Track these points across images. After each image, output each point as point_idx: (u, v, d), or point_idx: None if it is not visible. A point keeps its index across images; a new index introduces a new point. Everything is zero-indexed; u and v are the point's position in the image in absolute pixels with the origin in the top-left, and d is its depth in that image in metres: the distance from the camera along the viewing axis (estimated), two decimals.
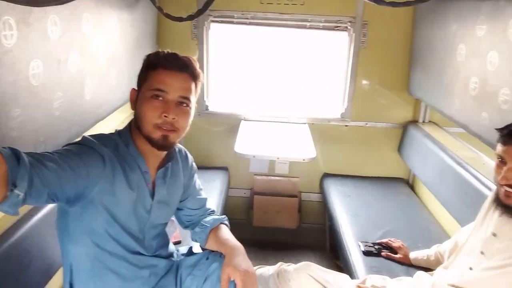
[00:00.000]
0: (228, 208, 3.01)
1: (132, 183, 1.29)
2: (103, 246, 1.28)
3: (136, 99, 1.32)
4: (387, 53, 2.85)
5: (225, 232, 1.51)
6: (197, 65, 1.34)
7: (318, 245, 2.99)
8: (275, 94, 3.18)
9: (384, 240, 2.09)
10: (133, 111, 1.34)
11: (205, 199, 1.62)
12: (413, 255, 1.93)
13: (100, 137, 1.29)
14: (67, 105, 1.50)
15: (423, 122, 2.87)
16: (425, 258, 1.87)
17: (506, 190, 1.28)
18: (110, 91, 1.96)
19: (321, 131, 2.99)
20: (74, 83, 1.56)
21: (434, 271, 1.60)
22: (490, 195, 1.49)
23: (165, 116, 1.25)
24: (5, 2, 0.86)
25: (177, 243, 2.09)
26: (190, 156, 1.58)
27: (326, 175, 3.04)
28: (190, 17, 2.41)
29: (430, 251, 1.86)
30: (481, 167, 1.99)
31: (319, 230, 3.08)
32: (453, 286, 1.42)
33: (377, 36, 2.80)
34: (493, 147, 1.70)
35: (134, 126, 1.32)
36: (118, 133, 1.35)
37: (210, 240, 1.50)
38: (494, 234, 1.37)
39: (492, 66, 1.75)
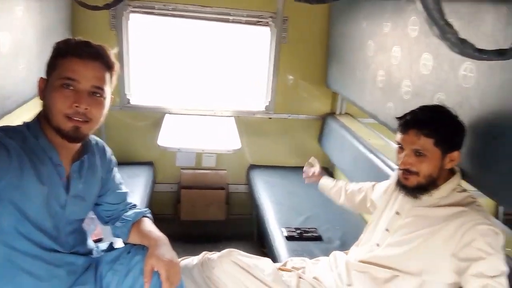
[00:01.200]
0: (155, 204, 2.95)
1: (43, 177, 1.22)
2: (13, 245, 1.20)
3: (45, 88, 1.24)
4: (306, 48, 2.98)
5: (148, 225, 1.48)
6: (111, 54, 1.29)
7: (246, 235, 3.06)
8: (200, 87, 3.17)
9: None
10: (40, 98, 1.27)
11: (125, 193, 1.56)
12: (323, 180, 2.10)
13: (5, 129, 1.21)
14: None
15: (340, 113, 3.06)
16: (330, 185, 2.05)
17: (403, 173, 1.42)
18: (18, 82, 1.83)
19: (246, 123, 3.05)
20: None
21: (348, 250, 1.73)
22: (392, 177, 1.65)
23: (77, 106, 1.19)
24: None
25: (98, 240, 2.01)
26: (108, 149, 1.52)
27: (252, 167, 3.11)
28: (107, 6, 2.30)
29: (336, 183, 2.04)
30: (390, 154, 2.18)
31: (246, 220, 3.15)
32: (362, 261, 1.55)
33: (297, 32, 2.92)
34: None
35: (43, 117, 1.25)
36: (26, 125, 1.26)
37: (133, 234, 1.46)
38: (398, 213, 1.52)
39: (395, 60, 1.92)
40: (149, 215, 1.55)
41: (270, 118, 3.09)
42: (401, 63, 1.87)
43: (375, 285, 1.48)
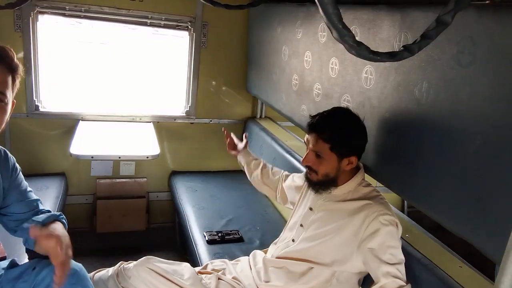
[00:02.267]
0: (67, 217, 2.74)
1: None
2: None
3: None
4: (226, 53, 3.01)
5: (57, 226, 1.35)
6: (14, 57, 1.21)
7: (168, 244, 2.98)
8: (117, 92, 3.04)
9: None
10: None
11: (36, 200, 1.45)
12: (244, 154, 2.14)
13: None
14: None
15: (260, 117, 3.14)
16: (253, 156, 2.10)
17: (306, 170, 1.53)
18: None
19: (167, 129, 3.00)
20: None
21: (267, 248, 1.77)
22: (302, 176, 1.73)
23: None
24: None
25: (1, 259, 1.82)
26: (11, 157, 1.41)
27: (174, 173, 3.05)
28: (10, 6, 2.14)
29: (255, 157, 2.09)
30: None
31: (169, 229, 3.08)
32: (278, 257, 1.60)
33: (217, 37, 2.94)
34: None
35: None
36: None
37: None
38: (311, 208, 1.59)
39: (307, 64, 2.02)
40: (64, 220, 1.44)
41: (192, 123, 3.06)
42: (313, 67, 1.97)
43: (292, 279, 1.53)
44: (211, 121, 3.10)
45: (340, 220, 1.47)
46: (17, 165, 1.43)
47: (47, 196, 2.42)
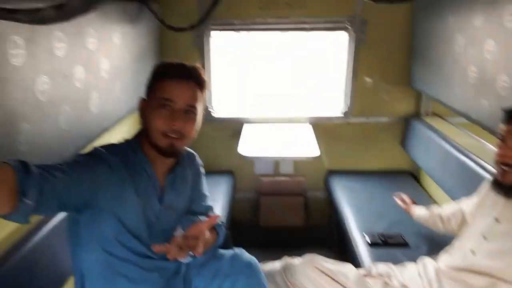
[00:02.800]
0: (235, 211, 3.04)
1: (140, 190, 1.32)
2: (113, 252, 1.31)
3: (144, 108, 1.36)
4: (387, 49, 2.87)
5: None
6: (203, 73, 1.37)
7: (325, 242, 3.01)
8: (277, 96, 3.21)
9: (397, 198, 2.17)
10: (140, 120, 1.38)
11: (209, 207, 1.61)
12: (418, 210, 2.00)
13: (108, 146, 1.34)
14: (74, 118, 1.55)
15: (426, 114, 2.89)
16: (426, 216, 1.94)
17: (502, 169, 1.30)
18: (115, 103, 2.01)
19: (324, 129, 3.02)
20: (80, 97, 1.61)
21: (437, 256, 1.62)
22: (488, 179, 1.52)
23: (173, 125, 1.29)
24: (12, 22, 0.91)
25: None
26: (198, 160, 1.60)
27: (331, 172, 3.06)
28: (192, 27, 2.46)
29: (431, 212, 1.92)
30: (484, 154, 2.01)
31: (325, 226, 3.11)
32: (456, 269, 1.44)
33: (377, 33, 2.83)
34: (493, 133, 1.73)
35: (143, 134, 1.36)
36: (127, 141, 1.39)
37: None
38: (497, 219, 1.39)
39: (489, 54, 1.77)
40: (220, 228, 1.56)
41: (349, 122, 3.02)
42: (496, 57, 1.72)
43: None
44: (368, 119, 3.01)
45: None
46: (202, 168, 1.61)
47: (219, 192, 2.72)
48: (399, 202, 2.13)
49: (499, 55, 1.70)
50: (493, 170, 1.80)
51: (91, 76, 1.69)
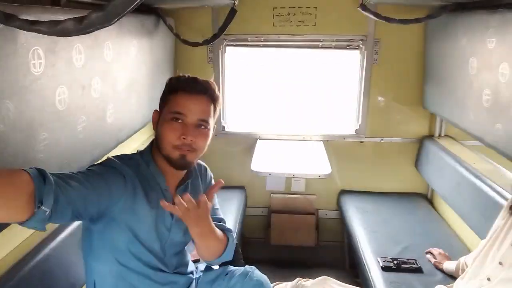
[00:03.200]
0: (245, 227, 3.03)
1: (153, 201, 1.34)
2: (125, 263, 1.32)
3: (158, 120, 1.38)
4: (400, 69, 2.87)
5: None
6: (216, 89, 1.40)
7: (337, 263, 2.97)
8: (290, 112, 3.23)
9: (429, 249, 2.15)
10: (153, 132, 1.41)
11: (221, 219, 1.60)
12: (446, 264, 1.96)
13: (122, 157, 1.36)
14: (90, 128, 1.58)
15: (439, 136, 2.86)
16: (453, 269, 1.89)
17: None
18: (130, 114, 2.04)
19: (336, 148, 3.01)
20: (97, 108, 1.64)
21: (452, 284, 1.58)
22: (506, 203, 1.49)
23: (184, 138, 1.30)
24: (34, 33, 0.94)
25: (196, 261, 2.10)
26: (209, 172, 1.62)
27: (343, 192, 3.04)
28: (206, 42, 2.52)
29: (456, 262, 1.88)
30: (499, 179, 1.98)
31: (337, 247, 3.06)
32: None
33: (389, 53, 2.84)
34: (509, 157, 1.70)
35: (155, 146, 1.38)
36: (140, 153, 1.42)
37: None
38: None
39: (504, 78, 1.76)
40: (230, 235, 1.54)
41: (362, 142, 3.01)
42: (511, 80, 1.70)
43: None
44: (382, 139, 2.99)
45: None
46: (213, 181, 1.62)
47: (231, 207, 2.71)
48: (430, 258, 2.10)
49: None
50: (508, 196, 1.77)
51: (107, 87, 1.72)
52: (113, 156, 1.35)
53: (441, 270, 1.98)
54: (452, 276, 1.89)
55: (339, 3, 2.76)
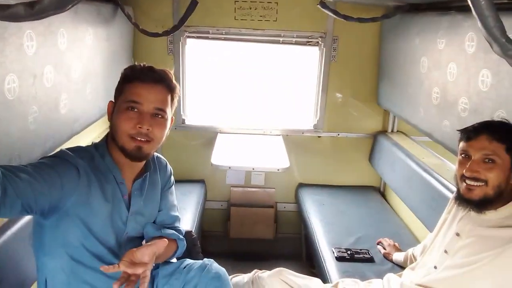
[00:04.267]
0: (205, 221, 3.02)
1: (108, 195, 1.31)
2: (78, 259, 1.28)
3: (113, 111, 1.35)
4: (356, 66, 2.96)
5: (158, 246, 1.29)
6: (173, 78, 1.38)
7: (294, 255, 3.04)
8: (250, 107, 3.24)
9: (379, 239, 2.23)
10: (108, 120, 1.37)
11: (176, 217, 1.59)
12: (395, 255, 2.04)
13: (76, 149, 1.32)
14: (42, 119, 1.51)
15: (392, 131, 2.99)
16: (401, 260, 1.98)
17: (467, 184, 1.35)
18: (86, 105, 1.97)
19: (295, 142, 3.07)
20: (49, 98, 1.57)
21: (402, 272, 1.67)
22: (452, 196, 1.59)
23: (140, 127, 1.28)
24: None
25: None
26: (169, 167, 1.59)
27: (301, 185, 3.10)
28: (166, 33, 2.47)
29: (405, 253, 1.98)
30: (446, 173, 2.10)
31: (295, 239, 3.13)
32: (420, 285, 1.49)
33: (347, 50, 2.92)
34: (455, 153, 1.81)
35: (110, 138, 1.35)
36: (95, 145, 1.37)
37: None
38: (458, 234, 1.45)
39: (451, 77, 1.87)
40: (181, 243, 1.55)
41: (319, 136, 3.08)
42: (458, 79, 1.81)
43: None
44: (339, 134, 3.08)
45: (495, 248, 1.31)
46: (172, 177, 1.59)
47: (190, 201, 2.70)
48: (380, 248, 2.18)
49: (460, 78, 1.79)
50: (454, 189, 1.89)
51: (61, 77, 1.66)
52: (66, 148, 1.31)
53: (391, 261, 2.08)
54: (401, 266, 1.99)
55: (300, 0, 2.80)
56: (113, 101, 1.37)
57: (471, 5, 0.81)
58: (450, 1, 1.98)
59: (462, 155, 1.39)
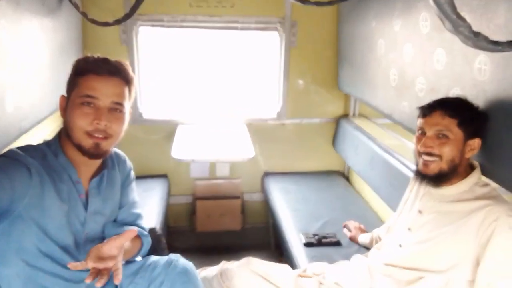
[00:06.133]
0: (170, 216, 2.96)
1: (63, 195, 1.24)
2: (34, 264, 1.21)
3: (66, 106, 1.26)
4: (316, 51, 2.96)
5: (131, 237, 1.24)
6: (129, 69, 1.31)
7: (263, 244, 3.03)
8: (211, 97, 3.18)
9: (345, 223, 2.26)
10: (61, 116, 1.29)
11: (137, 215, 1.52)
12: (361, 237, 2.07)
13: (26, 148, 1.23)
14: None
15: (354, 115, 3.03)
16: (367, 241, 2.01)
17: (424, 160, 1.39)
18: (35, 101, 1.85)
19: (259, 130, 3.04)
20: None
21: (368, 253, 1.69)
22: (412, 175, 1.62)
23: (97, 123, 1.21)
24: None
25: None
26: (129, 163, 1.53)
27: (267, 174, 3.09)
28: (117, 22, 2.34)
29: (370, 234, 2.01)
30: (406, 153, 2.14)
31: (263, 229, 3.13)
32: (386, 264, 1.51)
33: (306, 35, 2.91)
34: (414, 133, 1.85)
35: (64, 135, 1.27)
36: (47, 143, 1.29)
37: None
38: (420, 211, 1.48)
39: (408, 58, 1.89)
40: (146, 240, 1.50)
41: (283, 124, 3.07)
42: (414, 60, 1.84)
43: None
44: (302, 120, 3.08)
45: (455, 222, 1.34)
46: (132, 173, 1.53)
47: (153, 197, 2.62)
48: (346, 232, 2.20)
49: (416, 58, 1.82)
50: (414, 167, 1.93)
51: (4, 72, 1.54)
52: (16, 147, 1.21)
53: (357, 243, 2.10)
54: (368, 247, 2.02)
55: None
56: (64, 95, 1.28)
57: None
58: None
59: (419, 132, 1.44)
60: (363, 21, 2.39)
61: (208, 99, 3.17)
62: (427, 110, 1.40)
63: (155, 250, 1.60)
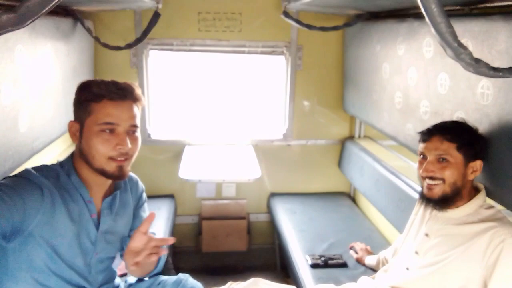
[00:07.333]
0: (176, 236, 2.91)
1: (74, 214, 1.26)
2: (44, 282, 1.23)
3: (80, 132, 1.29)
4: (322, 74, 3.01)
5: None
6: (138, 89, 1.35)
7: (269, 265, 3.02)
8: (218, 118, 3.23)
9: (351, 244, 2.26)
10: (73, 141, 1.32)
11: (152, 234, 1.55)
12: (367, 259, 2.06)
13: (41, 168, 1.27)
14: (1, 138, 1.44)
15: (359, 137, 3.05)
16: (374, 263, 2.00)
17: (428, 184, 1.41)
18: (46, 122, 1.90)
19: (265, 151, 3.07)
20: (8, 116, 1.50)
21: (375, 275, 1.69)
22: (418, 197, 1.63)
23: (120, 148, 1.25)
24: None
25: (123, 275, 2.01)
26: (141, 184, 1.56)
27: (273, 195, 3.10)
28: (128, 46, 2.42)
29: (377, 256, 2.00)
30: (412, 174, 2.15)
31: (268, 250, 3.11)
32: (393, 287, 1.51)
33: (312, 59, 2.97)
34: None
35: (79, 157, 1.30)
36: (60, 163, 1.33)
37: None
38: (427, 235, 1.49)
39: (412, 81, 1.93)
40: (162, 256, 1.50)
41: (289, 145, 3.10)
42: (418, 84, 1.88)
43: None
44: (307, 142, 3.11)
45: (461, 245, 1.35)
46: (144, 195, 1.56)
47: (159, 217, 2.63)
48: (352, 253, 2.20)
49: (420, 82, 1.86)
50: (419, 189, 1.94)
51: (20, 94, 1.59)
52: (31, 168, 1.25)
53: (364, 265, 2.10)
54: (374, 269, 2.01)
55: (263, 10, 2.83)
56: (74, 120, 1.31)
57: (424, 13, 0.84)
58: (407, 8, 2.06)
59: (421, 156, 1.46)
60: (368, 45, 2.45)
61: (215, 120, 3.21)
62: (426, 135, 1.43)
63: (161, 270, 1.60)
